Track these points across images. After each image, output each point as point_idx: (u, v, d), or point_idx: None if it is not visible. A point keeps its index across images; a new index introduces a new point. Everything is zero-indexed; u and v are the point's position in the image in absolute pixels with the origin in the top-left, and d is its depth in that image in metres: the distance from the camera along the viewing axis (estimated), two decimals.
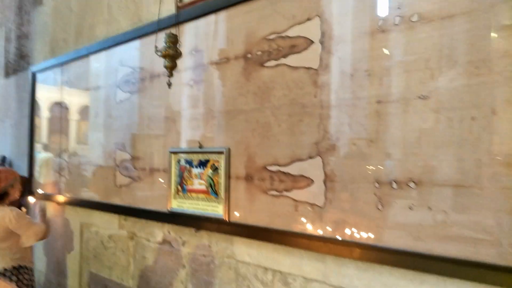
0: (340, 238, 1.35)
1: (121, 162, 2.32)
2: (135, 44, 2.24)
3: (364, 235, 1.30)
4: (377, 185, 1.28)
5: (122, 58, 2.33)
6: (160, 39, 1.76)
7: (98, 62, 2.53)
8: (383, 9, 1.28)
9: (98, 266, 2.53)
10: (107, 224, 2.47)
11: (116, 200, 2.34)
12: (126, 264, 2.31)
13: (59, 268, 2.91)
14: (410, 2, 1.22)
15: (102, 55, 2.48)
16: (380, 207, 1.26)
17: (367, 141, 1.30)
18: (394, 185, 1.23)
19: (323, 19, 1.42)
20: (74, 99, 2.76)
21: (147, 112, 2.17)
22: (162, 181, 2.04)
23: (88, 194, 2.58)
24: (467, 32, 1.11)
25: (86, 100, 2.63)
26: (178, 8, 1.96)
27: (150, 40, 2.14)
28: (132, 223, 2.29)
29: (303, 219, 1.45)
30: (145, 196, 2.15)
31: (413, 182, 1.19)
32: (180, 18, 1.90)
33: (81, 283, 2.67)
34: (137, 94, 2.23)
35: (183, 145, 1.95)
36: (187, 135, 1.94)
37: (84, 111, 2.66)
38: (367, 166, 1.30)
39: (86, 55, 2.61)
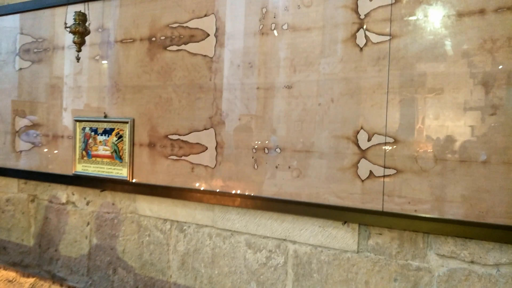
0: (226, 191, 1.75)
1: (21, 128, 2.40)
2: (39, 13, 2.31)
3: (244, 188, 1.72)
4: (254, 150, 1.69)
5: (23, 26, 2.37)
6: (68, 15, 1.91)
7: None
8: (263, 17, 1.66)
9: None
10: (4, 188, 2.53)
11: (15, 165, 2.42)
12: (27, 225, 2.44)
13: None
14: (282, 14, 1.62)
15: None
16: (255, 166, 1.68)
17: (248, 116, 1.70)
18: (266, 151, 1.66)
19: (218, 17, 1.76)
20: None
21: (50, 81, 2.28)
22: (66, 146, 2.21)
23: None
24: (319, 42, 1.56)
25: None
26: None
27: (54, 12, 2.25)
28: (33, 186, 2.41)
29: (198, 178, 1.82)
30: (47, 160, 2.29)
31: (279, 148, 1.63)
32: None
33: None
34: (39, 64, 2.32)
35: (88, 114, 2.14)
36: (92, 104, 2.14)
37: None
38: (247, 136, 1.70)
39: None
